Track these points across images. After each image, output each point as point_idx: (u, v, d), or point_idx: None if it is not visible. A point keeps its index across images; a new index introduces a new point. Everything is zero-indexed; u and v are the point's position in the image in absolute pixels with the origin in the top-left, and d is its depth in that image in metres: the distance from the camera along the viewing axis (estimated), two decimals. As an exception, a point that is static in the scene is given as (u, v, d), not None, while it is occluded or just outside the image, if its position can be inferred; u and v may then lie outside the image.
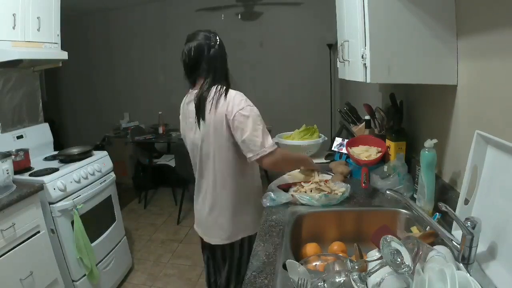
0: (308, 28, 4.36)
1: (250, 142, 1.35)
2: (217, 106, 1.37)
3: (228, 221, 1.46)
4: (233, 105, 1.38)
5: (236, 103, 1.39)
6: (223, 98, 1.39)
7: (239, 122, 1.35)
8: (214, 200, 1.47)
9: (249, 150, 1.35)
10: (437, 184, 1.25)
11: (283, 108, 4.51)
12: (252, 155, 1.35)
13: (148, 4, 4.52)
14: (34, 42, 2.04)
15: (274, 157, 1.37)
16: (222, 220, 1.47)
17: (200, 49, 1.43)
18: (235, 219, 1.47)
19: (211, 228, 1.51)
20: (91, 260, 2.05)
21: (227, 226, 1.47)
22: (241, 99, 1.41)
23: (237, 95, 1.42)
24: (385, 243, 0.80)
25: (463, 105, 1.18)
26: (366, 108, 1.88)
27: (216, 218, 1.48)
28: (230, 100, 1.39)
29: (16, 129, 2.30)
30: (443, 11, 1.17)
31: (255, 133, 1.36)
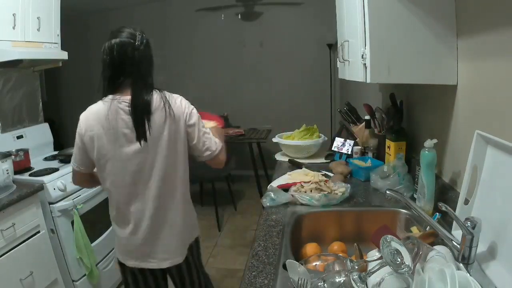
0: (308, 28, 4.35)
1: (207, 140, 1.34)
2: (171, 113, 1.27)
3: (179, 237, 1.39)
4: (185, 108, 1.32)
5: (186, 106, 1.33)
6: (173, 103, 1.30)
7: (193, 124, 1.32)
8: (164, 217, 1.34)
9: (206, 149, 1.34)
10: (437, 184, 1.25)
11: (283, 108, 4.51)
12: (209, 153, 1.35)
13: (148, 4, 4.52)
14: (34, 42, 2.04)
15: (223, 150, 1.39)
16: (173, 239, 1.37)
17: (124, 48, 1.23)
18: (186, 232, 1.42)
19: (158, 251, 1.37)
20: (91, 260, 2.05)
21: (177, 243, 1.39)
22: (186, 101, 1.35)
23: (180, 98, 1.35)
24: (385, 243, 0.80)
25: (463, 105, 1.18)
26: (366, 108, 1.88)
27: (167, 237, 1.36)
28: (180, 105, 1.32)
29: (16, 129, 2.30)
30: (443, 11, 1.17)
31: (207, 135, 1.36)
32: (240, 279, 2.52)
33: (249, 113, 4.57)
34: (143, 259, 1.36)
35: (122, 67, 1.25)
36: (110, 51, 1.23)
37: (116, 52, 1.22)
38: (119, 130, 1.25)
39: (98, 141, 1.26)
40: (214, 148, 1.36)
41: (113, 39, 1.24)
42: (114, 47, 1.22)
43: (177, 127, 1.29)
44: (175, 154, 1.31)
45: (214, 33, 4.52)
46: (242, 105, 4.62)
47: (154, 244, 1.34)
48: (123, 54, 1.23)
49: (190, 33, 4.57)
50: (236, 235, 3.20)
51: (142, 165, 1.28)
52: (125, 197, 1.31)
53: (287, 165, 1.98)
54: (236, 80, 4.66)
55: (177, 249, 1.38)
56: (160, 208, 1.32)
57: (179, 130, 1.30)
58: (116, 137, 1.25)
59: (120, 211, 1.34)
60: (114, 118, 1.25)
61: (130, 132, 1.25)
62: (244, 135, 3.72)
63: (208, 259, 2.81)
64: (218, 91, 4.67)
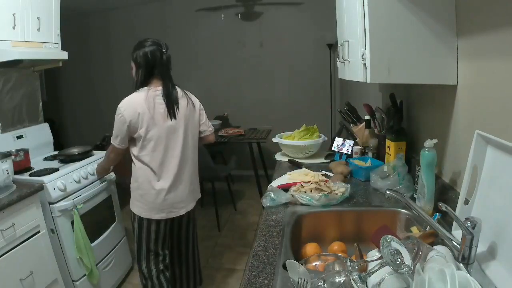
0: (308, 28, 4.36)
1: (208, 122, 2.02)
2: (191, 100, 1.88)
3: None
4: (197, 99, 1.96)
5: (196, 98, 1.96)
6: (190, 95, 1.91)
7: (202, 109, 1.97)
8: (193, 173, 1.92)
9: (208, 127, 1.99)
10: (437, 184, 1.25)
11: (283, 108, 4.51)
12: (211, 129, 2.02)
13: (148, 4, 4.52)
14: (34, 42, 2.03)
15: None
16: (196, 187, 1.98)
17: (156, 54, 1.72)
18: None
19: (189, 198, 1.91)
20: (91, 260, 2.05)
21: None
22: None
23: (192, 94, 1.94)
24: (385, 243, 0.80)
25: (463, 105, 1.18)
26: (366, 108, 1.88)
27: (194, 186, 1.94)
28: (194, 97, 1.95)
29: (16, 129, 2.30)
30: (443, 11, 1.17)
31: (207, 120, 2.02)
32: (240, 279, 2.52)
33: (249, 113, 4.57)
34: (168, 210, 1.82)
35: (154, 67, 1.73)
36: (145, 56, 1.71)
37: (151, 56, 1.71)
38: (157, 110, 1.71)
39: (142, 117, 1.68)
40: (212, 127, 2.03)
41: (146, 48, 1.71)
42: (148, 53, 1.71)
43: (195, 110, 1.89)
44: (193, 128, 1.88)
45: (214, 33, 4.52)
46: (242, 105, 4.62)
47: (175, 197, 1.82)
48: (156, 57, 1.71)
49: (190, 33, 4.57)
50: (236, 235, 3.20)
51: (172, 135, 1.76)
52: (158, 160, 1.75)
53: (287, 165, 1.98)
54: (236, 80, 4.66)
55: (189, 200, 1.90)
56: (180, 169, 1.81)
57: (195, 113, 1.89)
58: (153, 115, 1.70)
59: (152, 172, 1.76)
60: (152, 101, 1.70)
61: (164, 112, 1.73)
62: (244, 135, 3.72)
63: (208, 259, 2.81)
64: (218, 91, 4.67)
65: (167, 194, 1.78)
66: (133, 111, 1.68)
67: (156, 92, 1.72)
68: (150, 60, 1.70)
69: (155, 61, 1.71)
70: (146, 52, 1.70)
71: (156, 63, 1.71)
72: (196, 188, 1.97)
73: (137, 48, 1.73)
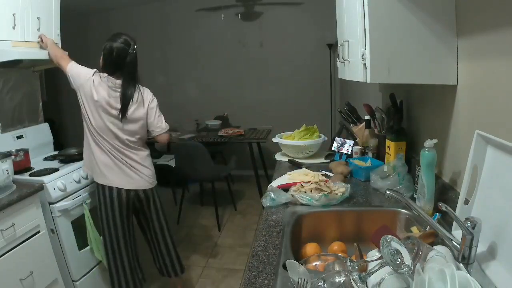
0: (308, 28, 4.36)
1: (159, 122, 1.99)
2: (140, 99, 1.91)
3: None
4: (149, 97, 1.97)
5: (150, 95, 1.98)
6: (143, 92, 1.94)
7: (153, 108, 1.96)
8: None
9: (158, 127, 1.98)
10: (437, 184, 1.25)
11: (283, 108, 4.52)
12: (159, 130, 1.98)
13: (148, 4, 4.52)
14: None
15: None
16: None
17: (120, 52, 1.79)
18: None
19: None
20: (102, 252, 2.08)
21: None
22: (150, 93, 1.99)
23: (147, 90, 1.98)
24: (385, 243, 0.80)
25: (463, 105, 1.18)
26: (366, 108, 1.88)
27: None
28: (147, 94, 1.96)
29: (16, 129, 2.30)
30: (443, 11, 1.17)
31: (161, 118, 2.00)
32: (240, 279, 2.52)
33: (249, 113, 4.57)
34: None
35: (117, 65, 1.80)
36: (109, 52, 1.79)
37: (115, 54, 1.78)
38: (110, 98, 1.81)
39: (92, 100, 1.81)
40: (166, 127, 2.00)
41: (114, 43, 1.78)
42: (114, 49, 1.77)
43: (143, 109, 1.91)
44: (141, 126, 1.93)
45: (214, 33, 4.52)
46: (242, 105, 4.62)
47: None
48: (119, 57, 1.78)
49: (190, 33, 4.57)
50: (236, 235, 3.20)
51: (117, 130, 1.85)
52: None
53: (287, 165, 1.98)
54: (236, 80, 4.66)
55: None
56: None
57: (143, 111, 1.91)
58: (107, 102, 1.81)
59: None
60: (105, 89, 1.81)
61: (114, 105, 1.82)
62: (244, 135, 3.72)
63: (208, 259, 2.81)
64: (218, 91, 4.67)
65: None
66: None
67: (111, 83, 1.81)
68: (114, 57, 1.78)
69: (118, 59, 1.78)
70: (113, 48, 1.77)
71: (119, 61, 1.78)
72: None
73: (109, 39, 1.81)
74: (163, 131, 1.98)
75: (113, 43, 1.77)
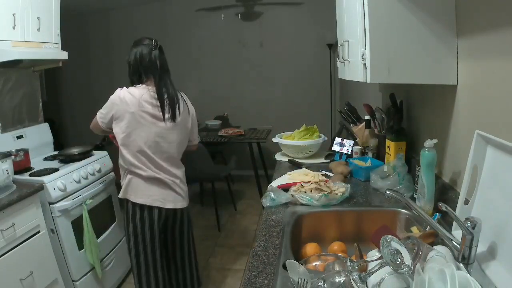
0: (308, 28, 4.36)
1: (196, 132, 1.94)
2: (187, 106, 1.81)
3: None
4: (192, 106, 1.87)
5: (190, 104, 1.87)
6: (187, 100, 1.85)
7: (195, 118, 1.89)
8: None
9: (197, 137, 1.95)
10: (437, 184, 1.25)
11: (283, 108, 4.52)
12: (198, 140, 1.97)
13: (148, 4, 4.52)
14: (34, 42, 2.03)
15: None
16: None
17: (142, 54, 1.69)
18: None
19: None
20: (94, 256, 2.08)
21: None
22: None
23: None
24: (385, 243, 0.80)
25: (463, 105, 1.18)
26: (366, 108, 1.88)
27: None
28: (190, 103, 1.87)
29: (16, 129, 2.30)
30: (443, 11, 1.17)
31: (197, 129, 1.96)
32: (240, 279, 2.52)
33: (249, 113, 4.57)
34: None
35: (141, 67, 1.70)
36: (135, 59, 1.69)
37: (139, 56, 1.68)
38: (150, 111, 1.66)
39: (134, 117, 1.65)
40: (198, 139, 1.97)
41: (136, 48, 1.70)
42: (136, 53, 1.69)
43: (189, 117, 1.82)
44: (186, 132, 1.81)
45: (214, 33, 4.52)
46: (242, 105, 4.62)
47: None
48: (142, 57, 1.68)
49: (190, 33, 4.57)
50: (236, 235, 3.20)
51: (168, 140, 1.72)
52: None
53: (287, 165, 1.98)
54: (236, 80, 4.66)
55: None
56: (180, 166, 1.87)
57: (189, 118, 1.81)
58: (147, 115, 1.66)
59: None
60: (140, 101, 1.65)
61: (158, 113, 1.67)
62: (244, 135, 3.72)
63: (208, 259, 2.81)
64: (218, 91, 4.67)
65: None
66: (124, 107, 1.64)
67: (146, 91, 1.65)
68: (138, 60, 1.68)
69: (142, 60, 1.67)
70: (135, 52, 1.69)
71: (143, 62, 1.67)
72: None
73: (131, 47, 1.73)
74: (197, 141, 1.94)
75: (134, 49, 1.69)
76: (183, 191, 1.81)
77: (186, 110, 1.78)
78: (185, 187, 1.84)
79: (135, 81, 1.71)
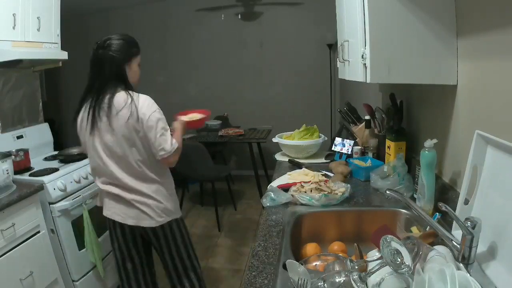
0: (308, 28, 4.36)
1: (163, 141, 1.54)
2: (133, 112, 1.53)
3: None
4: (147, 109, 1.55)
5: (148, 107, 1.56)
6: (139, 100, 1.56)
7: (151, 128, 1.53)
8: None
9: (161, 149, 1.54)
10: (437, 184, 1.25)
11: (283, 108, 4.52)
12: (163, 153, 1.53)
13: (148, 4, 4.52)
14: (34, 42, 2.03)
15: (177, 152, 1.62)
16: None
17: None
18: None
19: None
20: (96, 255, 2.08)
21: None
22: (150, 101, 1.59)
23: (145, 98, 1.58)
24: (385, 243, 0.80)
25: (463, 105, 1.18)
26: (366, 108, 1.88)
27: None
28: (142, 105, 1.54)
29: (16, 129, 2.30)
30: (443, 11, 1.17)
31: (164, 136, 1.55)
32: (240, 279, 2.52)
33: (249, 113, 4.57)
34: None
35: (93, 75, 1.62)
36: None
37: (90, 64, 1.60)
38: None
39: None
40: (167, 150, 1.50)
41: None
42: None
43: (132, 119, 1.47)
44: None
45: (214, 33, 4.52)
46: (242, 105, 4.62)
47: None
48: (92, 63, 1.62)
49: (190, 33, 4.57)
50: (236, 235, 3.20)
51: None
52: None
53: (287, 165, 1.98)
54: (236, 80, 4.66)
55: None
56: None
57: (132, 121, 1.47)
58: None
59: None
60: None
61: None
62: (244, 135, 3.72)
63: (208, 259, 2.81)
64: (218, 91, 4.67)
65: None
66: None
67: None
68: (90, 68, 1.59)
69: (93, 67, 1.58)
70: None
71: (94, 69, 1.58)
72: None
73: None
74: (167, 154, 1.50)
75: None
76: (150, 209, 1.57)
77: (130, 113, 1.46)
78: (162, 200, 1.59)
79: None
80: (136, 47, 1.62)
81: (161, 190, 1.59)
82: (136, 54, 1.61)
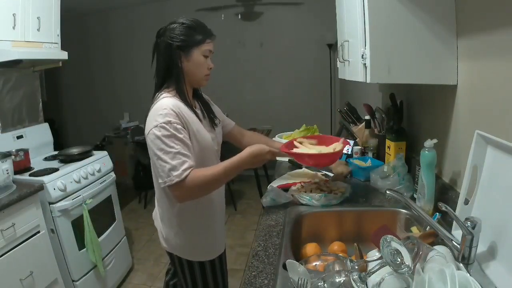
0: (308, 28, 4.36)
1: (159, 167, 1.17)
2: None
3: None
4: (150, 123, 1.23)
5: (151, 120, 1.22)
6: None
7: (148, 145, 1.23)
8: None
9: (160, 176, 1.18)
10: (437, 184, 1.25)
11: (283, 108, 4.51)
12: (161, 181, 1.16)
13: (148, 4, 4.52)
14: (34, 42, 2.04)
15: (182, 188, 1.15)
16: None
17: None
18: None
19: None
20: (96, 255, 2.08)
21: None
22: (158, 114, 1.19)
23: (154, 110, 1.23)
24: (385, 243, 0.80)
25: (463, 105, 1.18)
26: (366, 108, 1.88)
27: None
28: (148, 119, 1.26)
29: (16, 129, 2.30)
30: (443, 11, 1.17)
31: (161, 162, 1.16)
32: (240, 279, 2.52)
33: (249, 113, 4.57)
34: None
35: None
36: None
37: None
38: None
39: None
40: (163, 179, 1.15)
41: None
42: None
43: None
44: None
45: (214, 33, 4.52)
46: (242, 105, 4.62)
47: None
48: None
49: (190, 33, 4.56)
50: (236, 235, 3.20)
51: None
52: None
53: (287, 165, 1.98)
54: (236, 80, 4.66)
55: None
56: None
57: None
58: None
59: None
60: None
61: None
62: (244, 135, 3.71)
63: (208, 259, 2.81)
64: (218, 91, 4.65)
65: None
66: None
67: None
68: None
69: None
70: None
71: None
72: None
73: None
74: (163, 184, 1.16)
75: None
76: (159, 227, 1.40)
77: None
78: (165, 228, 1.36)
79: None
80: (201, 33, 1.32)
81: (172, 220, 1.33)
82: (200, 43, 1.31)
